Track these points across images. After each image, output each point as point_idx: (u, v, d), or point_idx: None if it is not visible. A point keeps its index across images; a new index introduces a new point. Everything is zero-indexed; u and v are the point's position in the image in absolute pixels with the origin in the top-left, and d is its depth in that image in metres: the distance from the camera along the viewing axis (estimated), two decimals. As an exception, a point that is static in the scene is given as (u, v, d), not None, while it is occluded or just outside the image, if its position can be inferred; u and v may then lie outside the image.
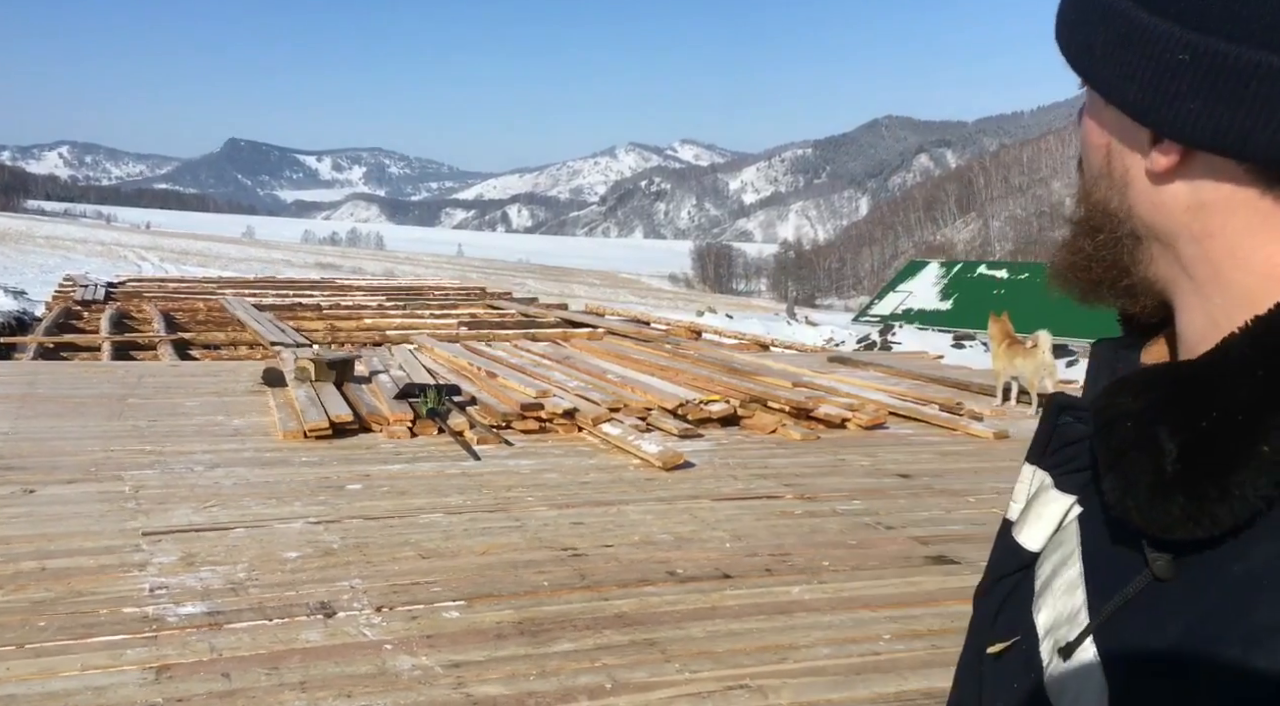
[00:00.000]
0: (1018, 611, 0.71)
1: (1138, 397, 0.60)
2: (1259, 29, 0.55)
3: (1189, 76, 0.58)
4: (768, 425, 7.51)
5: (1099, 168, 0.67)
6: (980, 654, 0.76)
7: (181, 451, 6.22)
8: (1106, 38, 0.62)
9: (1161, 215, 0.63)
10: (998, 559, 0.77)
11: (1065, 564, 0.67)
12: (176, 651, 3.40)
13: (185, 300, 19.41)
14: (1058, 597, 0.66)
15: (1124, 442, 0.59)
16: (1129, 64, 0.60)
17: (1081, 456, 0.69)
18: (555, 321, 16.90)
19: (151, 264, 49.36)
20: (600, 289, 64.48)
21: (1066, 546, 0.68)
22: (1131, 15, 0.60)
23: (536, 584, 4.16)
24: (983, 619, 0.77)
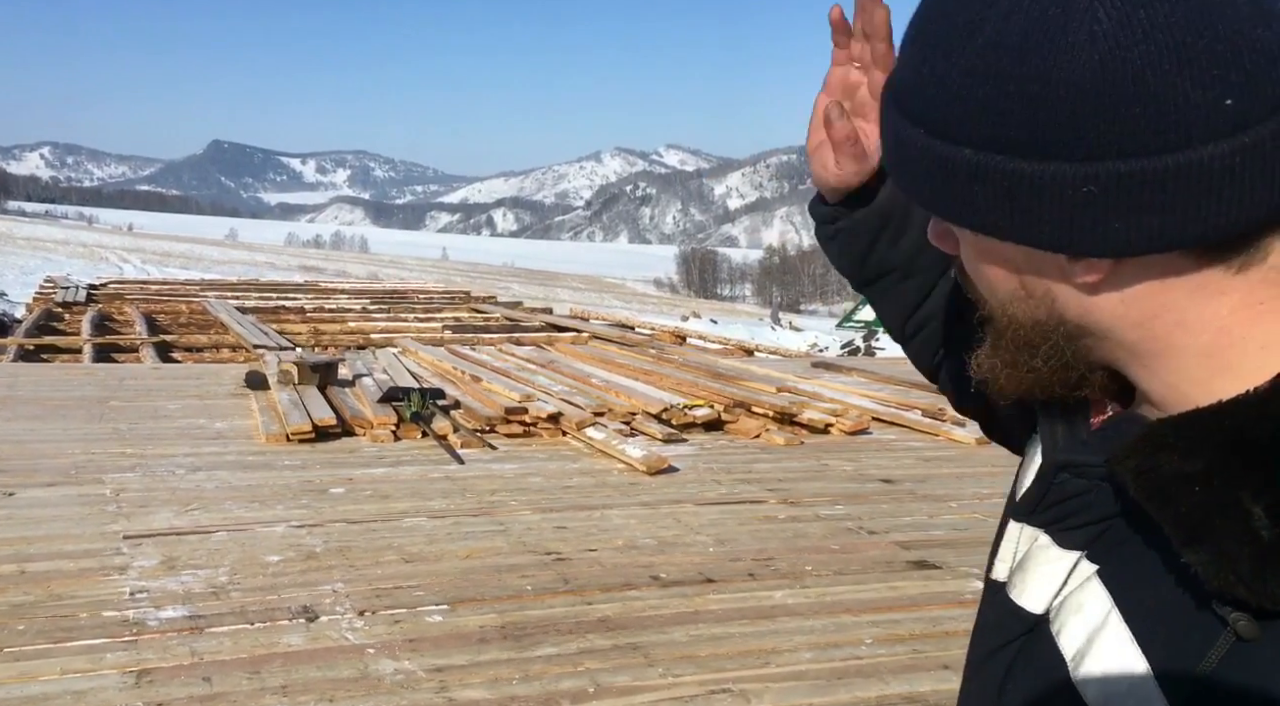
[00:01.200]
0: (1043, 682, 0.68)
1: (1189, 459, 0.59)
2: (1152, 137, 0.55)
3: (1103, 203, 0.58)
4: (751, 430, 7.53)
5: (1012, 293, 0.66)
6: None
7: (163, 454, 6.19)
8: (991, 193, 0.60)
9: (1095, 315, 0.64)
10: (996, 623, 0.75)
11: (1105, 627, 0.64)
12: (157, 655, 3.38)
13: (167, 302, 19.31)
14: (1107, 665, 0.63)
15: (1199, 509, 0.58)
16: (1032, 211, 0.59)
17: (1084, 511, 0.67)
18: (540, 325, 16.89)
19: (133, 266, 49.07)
20: (585, 293, 64.47)
21: (1093, 609, 0.66)
22: (1012, 169, 0.59)
23: (520, 588, 4.16)
24: (984, 691, 0.74)
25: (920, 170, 0.64)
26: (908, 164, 0.65)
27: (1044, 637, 0.69)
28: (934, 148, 0.62)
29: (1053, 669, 0.67)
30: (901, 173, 0.66)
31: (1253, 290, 0.61)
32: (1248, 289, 0.61)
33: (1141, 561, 0.64)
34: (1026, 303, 0.66)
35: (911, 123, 0.63)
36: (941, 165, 0.62)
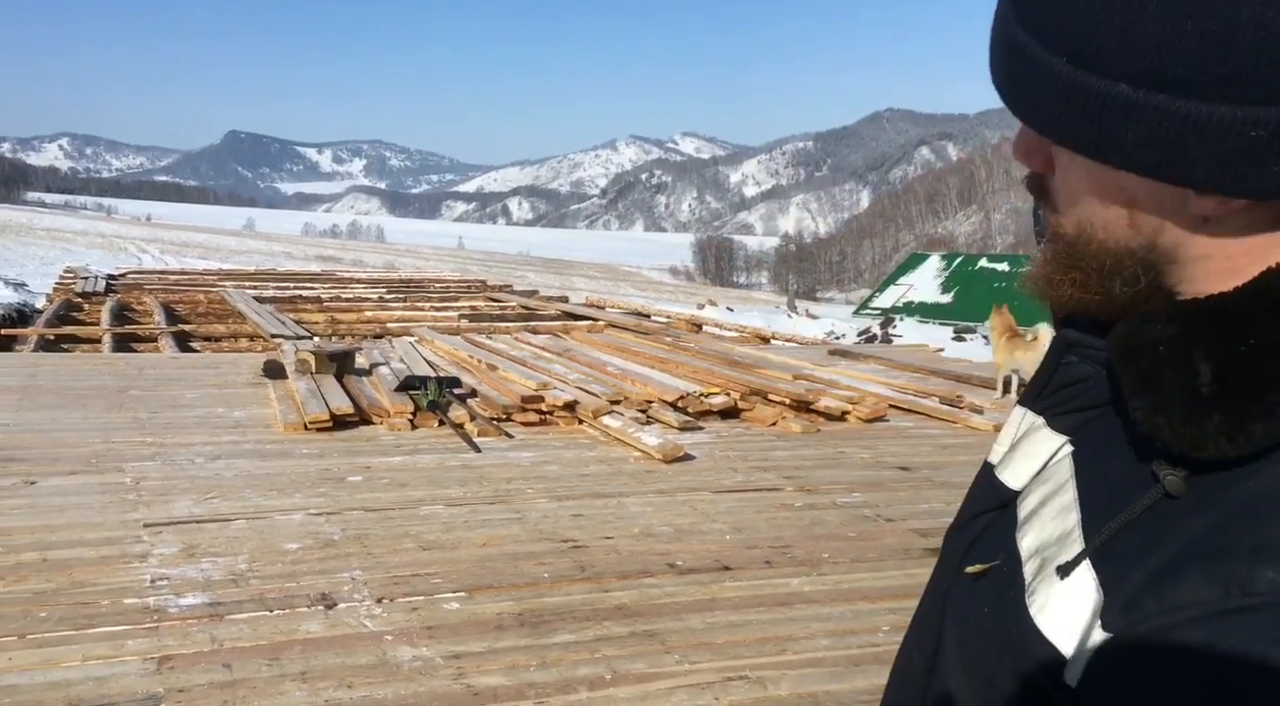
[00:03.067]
0: (997, 540, 0.73)
1: (1167, 326, 0.62)
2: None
3: (1268, 147, 0.57)
4: (768, 418, 7.52)
5: (1112, 221, 0.66)
6: (949, 583, 0.78)
7: (182, 443, 6.23)
8: (1145, 131, 0.59)
9: (1193, 248, 0.64)
10: (976, 497, 0.80)
11: (1056, 493, 0.69)
12: (178, 642, 3.41)
13: (186, 292, 19.42)
14: (1046, 523, 0.68)
15: (1155, 365, 0.61)
16: (1187, 152, 0.58)
17: (1080, 397, 0.71)
18: (556, 314, 16.90)
19: (152, 256, 49.31)
20: (601, 281, 64.46)
21: (1057, 478, 0.70)
22: (1175, 109, 0.58)
23: (536, 575, 4.17)
24: (953, 553, 0.79)
25: (1052, 99, 0.62)
26: (1033, 91, 0.63)
27: (1011, 509, 0.74)
28: (1079, 79, 0.60)
29: (1006, 531, 0.72)
30: (1022, 98, 0.64)
31: None
32: None
33: (1113, 438, 0.67)
34: (1125, 231, 0.65)
35: (1050, 50, 0.61)
36: (1087, 97, 0.60)
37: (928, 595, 0.83)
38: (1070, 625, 0.61)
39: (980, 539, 0.76)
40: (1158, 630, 0.56)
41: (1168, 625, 0.56)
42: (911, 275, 35.07)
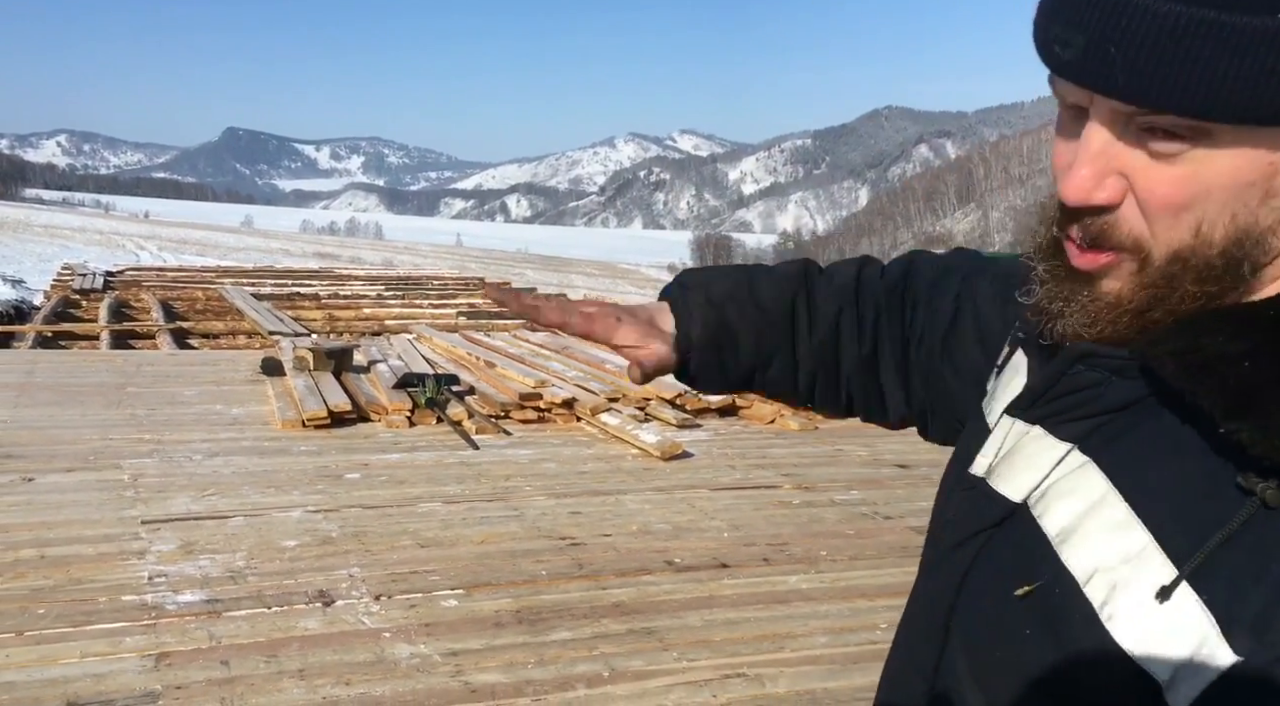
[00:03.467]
0: (1023, 558, 0.69)
1: (1235, 340, 0.61)
2: None
3: None
4: (766, 415, 7.52)
5: (1244, 201, 0.62)
6: (949, 601, 0.75)
7: (180, 440, 6.23)
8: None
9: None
10: (966, 511, 0.76)
11: (1096, 507, 0.65)
12: (176, 639, 3.41)
13: (184, 289, 19.40)
14: (1097, 540, 0.64)
15: (1249, 384, 0.59)
16: None
17: (1088, 404, 0.69)
18: (554, 311, 16.88)
19: (150, 253, 49.26)
20: (599, 279, 64.46)
21: (1086, 491, 0.67)
22: None
23: (534, 573, 4.17)
24: (953, 571, 0.75)
25: (1249, 65, 0.57)
26: (1217, 66, 0.57)
27: (1022, 522, 0.70)
28: (1250, 25, 0.56)
29: (1033, 548, 0.68)
30: (1183, 79, 0.58)
31: None
32: None
33: (1145, 448, 0.65)
34: (1251, 213, 0.62)
35: (1241, 12, 0.56)
36: (1258, 42, 0.56)
37: (920, 613, 0.80)
38: (1170, 648, 0.59)
39: (987, 555, 0.73)
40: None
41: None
42: (910, 273, 35.09)
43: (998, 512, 0.72)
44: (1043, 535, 0.68)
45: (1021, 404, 0.73)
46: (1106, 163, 0.63)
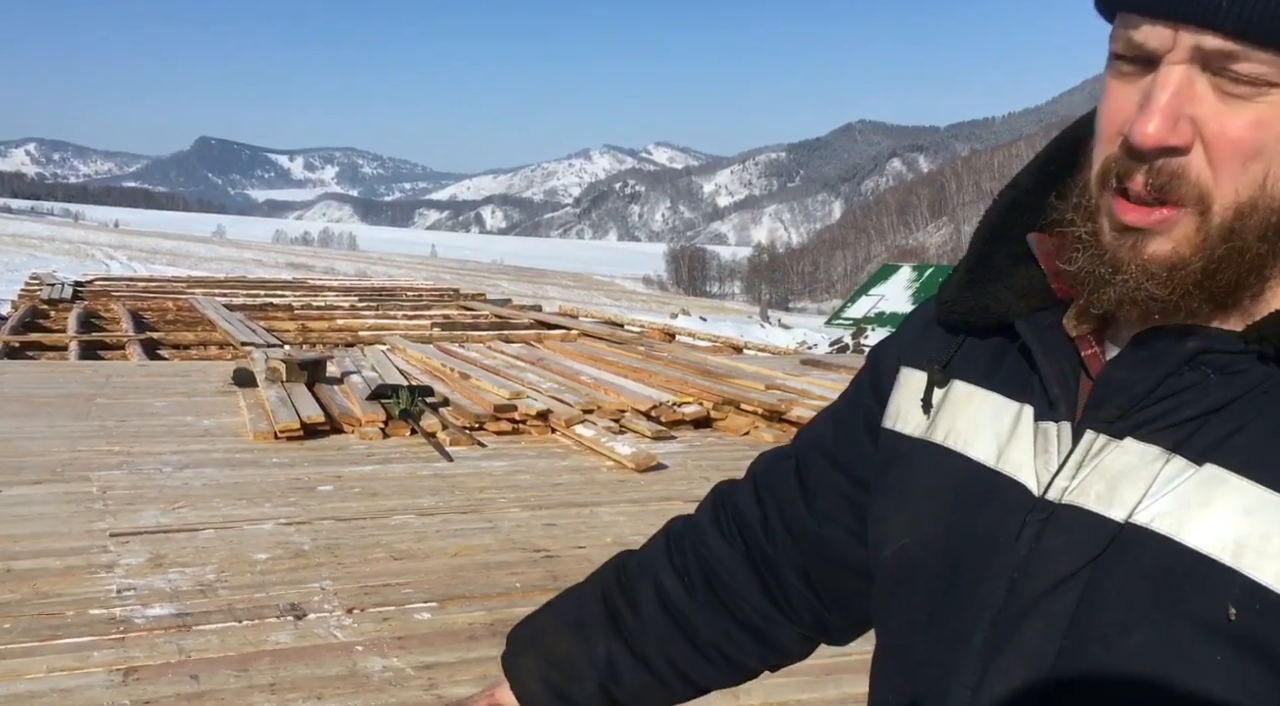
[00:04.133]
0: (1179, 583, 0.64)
1: None
2: None
3: None
4: (740, 427, 7.54)
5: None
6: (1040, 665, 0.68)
7: (150, 452, 6.16)
8: None
9: None
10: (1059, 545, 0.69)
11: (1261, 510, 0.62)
12: (144, 653, 3.37)
13: (154, 299, 19.22)
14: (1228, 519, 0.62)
15: None
16: None
17: (1189, 406, 0.65)
18: (529, 323, 16.87)
19: (120, 263, 48.81)
20: (574, 291, 64.45)
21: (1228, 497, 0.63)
22: None
23: (509, 585, 4.16)
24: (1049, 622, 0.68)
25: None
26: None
27: (1143, 544, 0.65)
28: None
29: (1187, 569, 0.63)
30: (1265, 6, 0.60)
31: None
32: None
33: (1272, 441, 0.63)
34: None
35: None
36: None
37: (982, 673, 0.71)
38: None
39: (1104, 588, 0.66)
40: None
41: None
42: (883, 286, 35.31)
43: (1103, 538, 0.66)
44: (1197, 554, 0.63)
45: (1108, 417, 0.68)
46: (1180, 106, 0.63)
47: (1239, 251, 0.64)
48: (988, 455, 0.75)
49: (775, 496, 0.96)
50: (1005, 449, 0.74)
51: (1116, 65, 0.67)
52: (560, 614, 1.01)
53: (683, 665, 0.97)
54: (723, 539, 0.98)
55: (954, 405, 0.80)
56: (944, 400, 0.81)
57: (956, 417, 0.79)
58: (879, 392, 0.90)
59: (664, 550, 1.00)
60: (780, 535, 0.95)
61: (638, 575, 0.99)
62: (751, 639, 0.98)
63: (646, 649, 0.96)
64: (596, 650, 0.96)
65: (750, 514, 0.97)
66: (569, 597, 1.03)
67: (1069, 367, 0.73)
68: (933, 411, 0.82)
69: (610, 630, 0.97)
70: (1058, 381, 0.72)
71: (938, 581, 0.76)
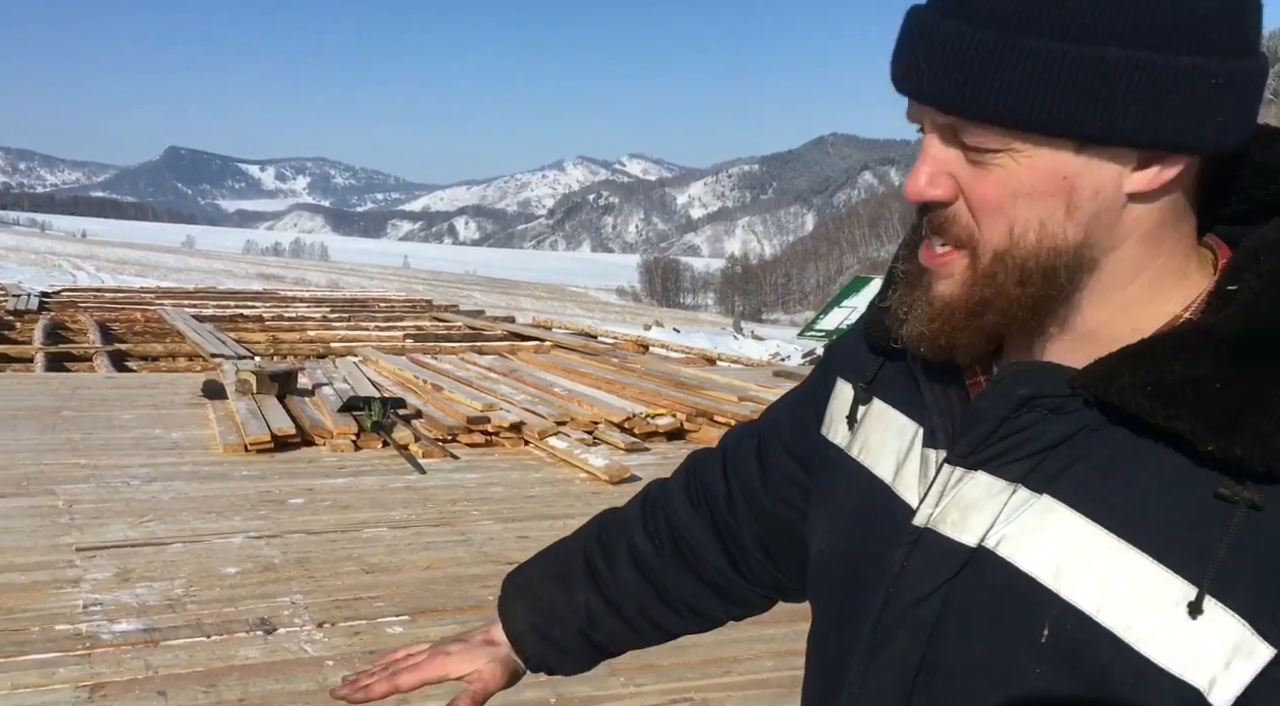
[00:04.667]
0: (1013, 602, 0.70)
1: (1195, 365, 0.66)
2: (1248, 41, 0.66)
3: (1223, 94, 0.65)
4: (713, 438, 7.54)
5: (1045, 216, 0.68)
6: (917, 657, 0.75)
7: (117, 465, 6.09)
8: (1136, 90, 0.64)
9: (1119, 230, 0.69)
10: (921, 566, 0.76)
11: (1080, 539, 0.68)
12: (111, 669, 3.33)
13: (122, 310, 19.01)
14: (1096, 570, 0.67)
15: (1230, 403, 0.64)
16: (1170, 102, 0.64)
17: (1030, 443, 0.71)
18: (502, 334, 16.84)
19: (87, 273, 48.24)
20: (548, 302, 64.36)
21: (1057, 526, 0.69)
22: (1161, 63, 0.64)
23: (481, 598, 4.14)
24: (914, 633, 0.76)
25: (1031, 80, 0.64)
26: (1003, 79, 0.65)
27: (989, 566, 0.72)
28: (1067, 51, 0.64)
29: (1021, 590, 0.70)
30: (983, 91, 0.66)
31: (1192, 220, 0.72)
32: (1191, 219, 0.72)
33: (1101, 476, 0.69)
34: (1062, 225, 0.68)
35: (1024, 32, 0.64)
36: (1077, 66, 0.64)
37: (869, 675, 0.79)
38: (1207, 655, 0.63)
39: (958, 605, 0.74)
40: None
41: None
42: (855, 298, 35.53)
43: (957, 561, 0.74)
44: (1025, 575, 0.70)
45: (960, 452, 0.75)
46: (938, 165, 0.71)
47: (998, 294, 0.71)
48: (888, 473, 0.83)
49: (738, 474, 1.05)
50: (901, 469, 0.81)
51: None
52: (547, 566, 1.13)
53: (653, 615, 1.08)
54: (691, 506, 1.08)
55: (871, 422, 0.87)
56: (865, 416, 0.88)
57: (870, 434, 0.87)
58: (826, 392, 0.97)
59: (639, 513, 1.11)
60: (741, 509, 1.04)
61: (615, 534, 1.11)
62: (715, 595, 1.08)
63: (620, 600, 1.07)
64: (576, 599, 1.07)
65: (716, 487, 1.07)
66: (556, 551, 1.14)
67: (955, 396, 0.79)
68: (855, 426, 0.89)
69: (589, 583, 1.08)
70: (940, 410, 0.78)
71: (843, 585, 0.85)
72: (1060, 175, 0.67)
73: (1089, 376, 0.69)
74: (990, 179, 0.69)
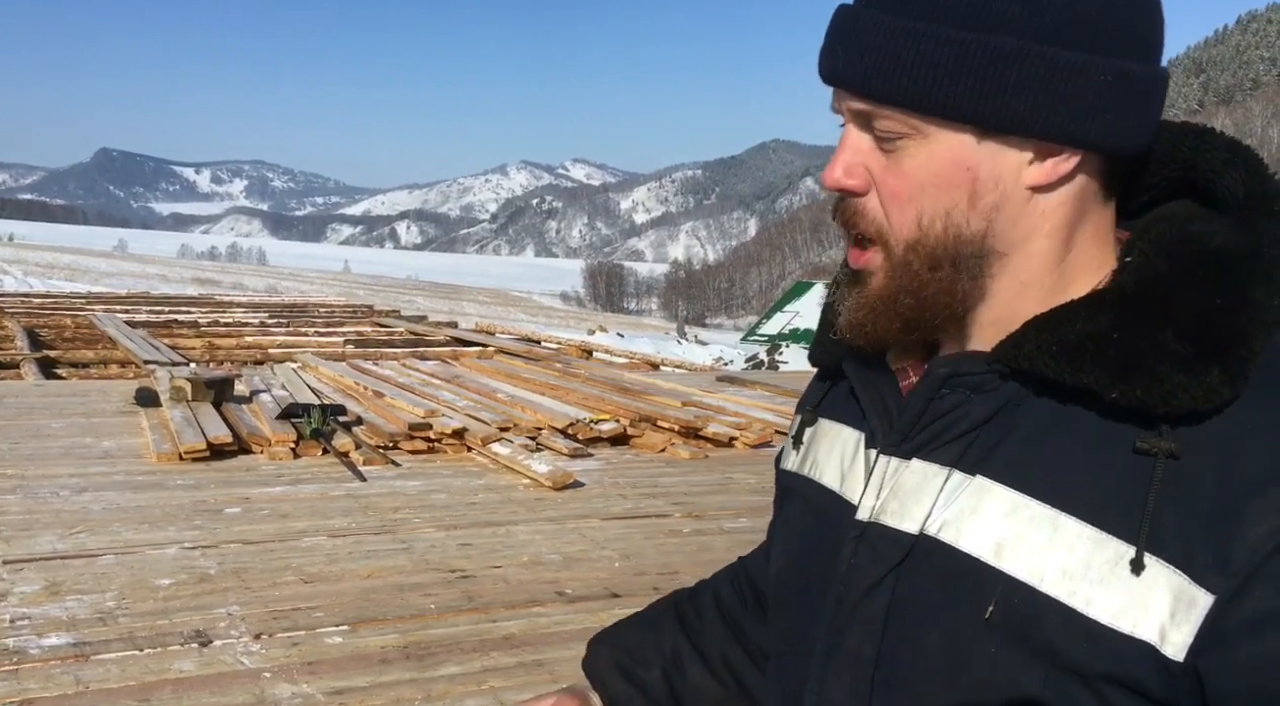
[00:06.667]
0: (955, 585, 0.71)
1: (1092, 321, 0.69)
2: (1147, 45, 0.70)
3: (1113, 93, 0.68)
4: (657, 444, 7.57)
5: (950, 205, 0.71)
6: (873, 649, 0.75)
7: (46, 475, 5.93)
8: (1028, 77, 0.67)
9: (1023, 222, 0.72)
10: (867, 559, 0.76)
11: (1015, 512, 0.69)
12: (39, 685, 3.23)
13: (51, 316, 18.51)
14: (1032, 541, 0.68)
15: (1127, 349, 0.67)
16: (1059, 94, 0.67)
17: (956, 424, 0.73)
18: (444, 340, 16.71)
19: (14, 278, 46.89)
20: (491, 307, 64.02)
21: (992, 503, 0.70)
22: (1052, 55, 0.67)
23: (423, 607, 4.10)
24: (867, 627, 0.76)
25: (934, 66, 0.68)
26: (904, 60, 0.69)
27: (933, 552, 0.73)
28: (964, 39, 0.68)
29: (965, 571, 0.70)
30: (891, 76, 0.69)
31: (1104, 215, 0.75)
32: (1102, 214, 0.74)
33: (1028, 448, 0.71)
34: (965, 214, 0.71)
35: (928, 20, 0.68)
36: (977, 53, 0.68)
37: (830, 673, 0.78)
38: (1152, 611, 0.64)
39: (907, 595, 0.74)
40: (1262, 564, 0.62)
41: (1266, 554, 0.62)
42: (797, 303, 35.89)
43: (900, 550, 0.74)
44: (968, 557, 0.70)
45: (892, 441, 0.77)
46: (854, 156, 0.74)
47: (915, 280, 0.73)
48: (834, 480, 0.84)
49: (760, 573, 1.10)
50: (846, 474, 0.83)
51: None
52: (637, 616, 1.14)
53: (734, 663, 1.06)
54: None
55: (818, 439, 0.90)
56: (812, 436, 0.91)
57: (818, 450, 0.89)
58: None
59: (726, 572, 1.15)
60: None
61: (703, 589, 1.14)
62: None
63: (705, 645, 1.07)
64: (664, 642, 1.07)
65: None
66: (647, 609, 1.16)
67: (891, 398, 0.80)
68: (803, 447, 0.93)
69: (677, 628, 1.09)
70: (877, 413, 0.80)
71: (798, 597, 0.85)
72: (964, 165, 0.70)
73: (1000, 349, 0.72)
74: (899, 170, 0.72)
